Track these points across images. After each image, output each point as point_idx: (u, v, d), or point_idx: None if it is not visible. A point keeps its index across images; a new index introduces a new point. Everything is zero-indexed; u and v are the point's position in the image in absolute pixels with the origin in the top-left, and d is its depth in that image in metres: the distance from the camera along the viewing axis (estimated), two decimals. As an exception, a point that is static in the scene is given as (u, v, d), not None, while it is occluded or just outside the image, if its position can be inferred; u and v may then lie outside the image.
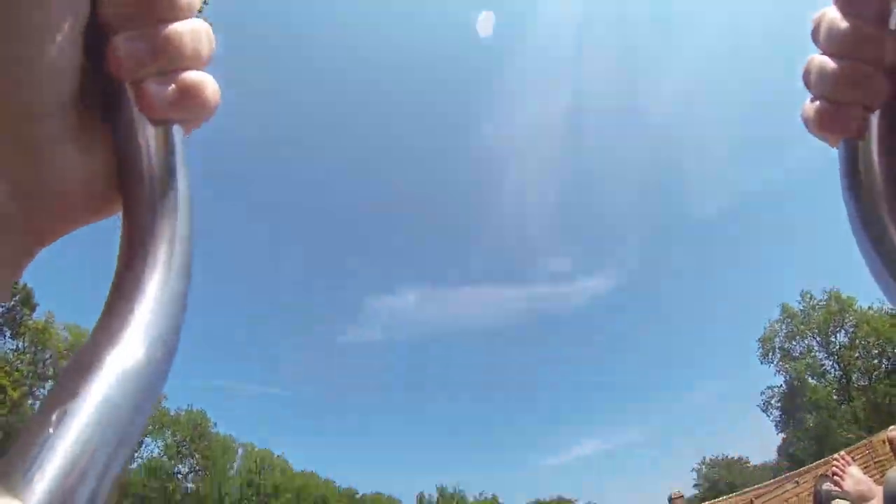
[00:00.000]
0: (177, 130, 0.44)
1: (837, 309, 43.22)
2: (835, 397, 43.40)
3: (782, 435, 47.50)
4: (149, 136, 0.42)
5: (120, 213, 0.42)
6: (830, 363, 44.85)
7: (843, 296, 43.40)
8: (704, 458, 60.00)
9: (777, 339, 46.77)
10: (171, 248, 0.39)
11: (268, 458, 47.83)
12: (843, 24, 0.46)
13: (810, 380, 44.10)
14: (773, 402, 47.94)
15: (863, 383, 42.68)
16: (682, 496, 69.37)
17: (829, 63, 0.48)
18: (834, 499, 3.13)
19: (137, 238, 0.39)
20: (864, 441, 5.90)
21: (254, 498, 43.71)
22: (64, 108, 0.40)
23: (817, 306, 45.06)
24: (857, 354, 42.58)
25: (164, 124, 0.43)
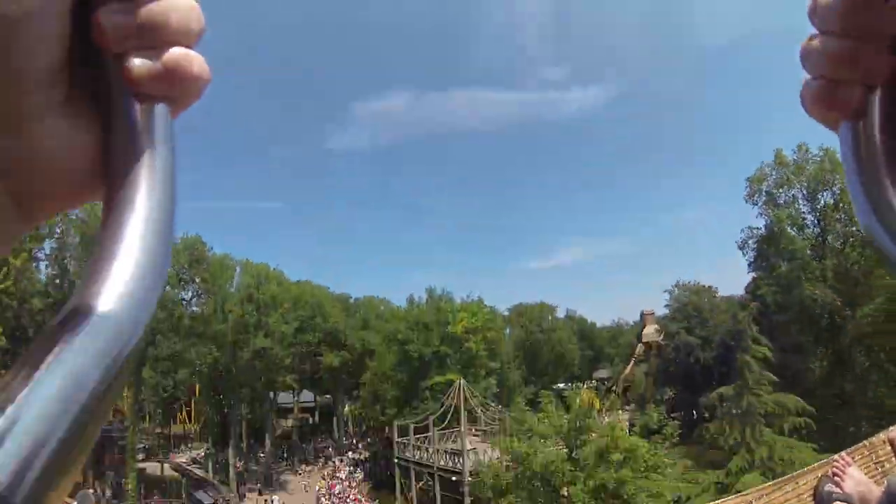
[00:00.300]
0: (163, 109, 0.43)
1: (830, 168, 41.64)
2: (809, 252, 43.86)
3: (753, 275, 48.71)
4: (134, 112, 0.42)
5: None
6: (811, 219, 44.85)
7: (838, 157, 41.08)
8: (678, 281, 61.90)
9: (766, 183, 46.03)
10: (150, 227, 0.39)
11: (264, 271, 51.38)
12: (841, 0, 0.45)
13: (789, 230, 44.18)
14: (750, 242, 48.64)
15: (837, 245, 42.78)
16: (654, 313, 73.24)
17: (828, 41, 0.46)
18: (835, 500, 3.15)
19: (116, 217, 0.39)
20: (864, 442, 6.64)
21: (253, 312, 47.51)
22: (50, 82, 0.39)
23: (811, 161, 43.73)
24: (838, 217, 42.12)
25: (149, 101, 0.43)
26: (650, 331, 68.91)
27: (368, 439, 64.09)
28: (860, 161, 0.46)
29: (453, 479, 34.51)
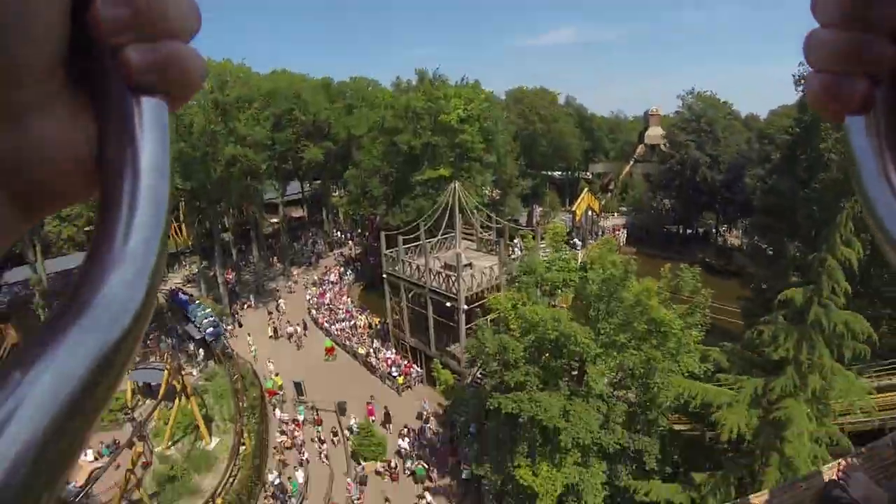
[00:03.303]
0: (159, 102, 0.42)
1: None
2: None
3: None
4: (129, 106, 0.41)
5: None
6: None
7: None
8: (694, 88, 54.54)
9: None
10: (144, 224, 0.38)
11: (227, 70, 42.71)
12: None
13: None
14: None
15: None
16: (659, 115, 65.61)
17: (831, 35, 0.45)
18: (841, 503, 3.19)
19: (110, 213, 0.38)
20: (869, 445, 6.20)
21: (220, 119, 40.40)
22: (46, 75, 0.38)
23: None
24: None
25: (146, 95, 0.41)
26: (655, 133, 63.35)
27: (360, 231, 60.96)
28: (867, 154, 0.44)
29: (447, 304, 30.59)
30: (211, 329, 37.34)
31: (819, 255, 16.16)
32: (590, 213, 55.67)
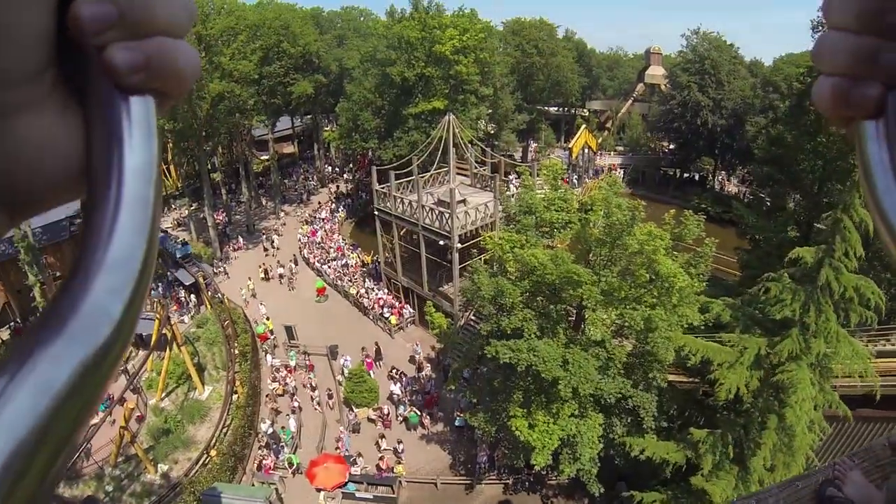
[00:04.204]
0: (147, 102, 0.40)
1: None
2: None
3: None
4: (117, 107, 0.39)
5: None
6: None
7: None
8: (699, 28, 51.36)
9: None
10: (132, 228, 0.37)
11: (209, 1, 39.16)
12: None
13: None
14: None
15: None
16: (661, 53, 62.46)
17: (843, 38, 0.43)
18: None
19: (97, 217, 0.37)
20: (865, 445, 4.25)
21: (204, 54, 37.50)
22: (33, 76, 0.37)
23: None
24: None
25: (133, 94, 0.40)
26: (656, 73, 60.42)
27: (351, 166, 58.75)
28: (879, 160, 0.43)
29: (441, 242, 28.89)
30: (180, 247, 37.38)
31: (834, 215, 14.54)
32: (586, 150, 53.55)
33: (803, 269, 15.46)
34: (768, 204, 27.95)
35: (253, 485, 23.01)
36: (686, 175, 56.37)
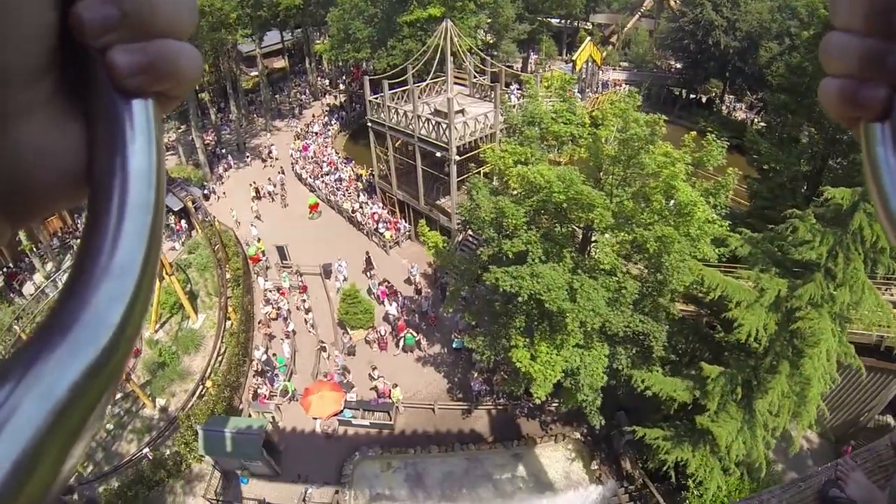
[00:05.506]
0: (149, 105, 0.39)
1: None
2: None
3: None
4: (119, 109, 0.38)
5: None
6: None
7: None
8: None
9: None
10: (134, 234, 0.36)
11: None
12: None
13: None
14: None
15: None
16: None
17: (852, 40, 0.42)
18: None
19: (99, 222, 0.36)
20: (868, 446, 5.28)
21: None
22: (34, 79, 0.36)
23: None
24: None
25: (135, 97, 0.39)
26: (667, -14, 55.29)
27: (344, 78, 55.16)
28: (886, 162, 0.42)
29: (437, 154, 26.54)
30: None
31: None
32: (590, 64, 49.94)
33: (834, 211, 13.64)
34: (782, 134, 25.79)
35: (250, 415, 21.99)
36: (693, 96, 52.97)
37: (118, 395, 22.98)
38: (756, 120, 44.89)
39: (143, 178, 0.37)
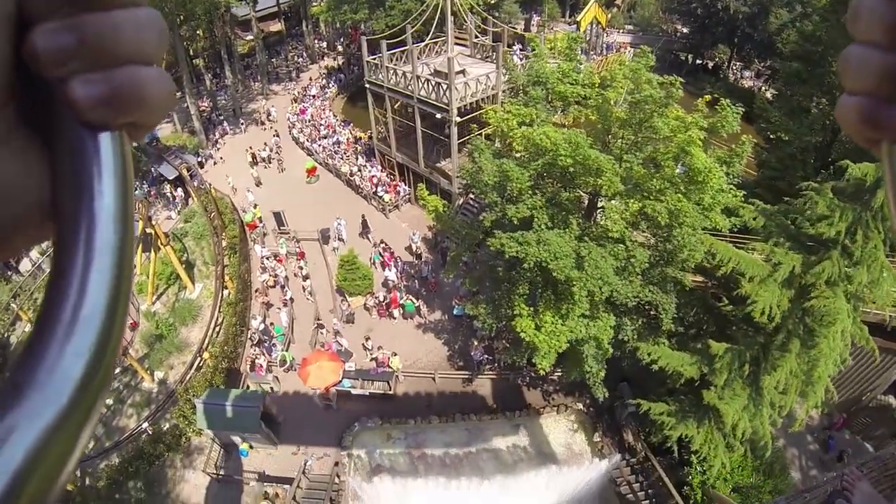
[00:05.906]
0: (115, 137, 0.37)
1: None
2: None
3: None
4: (83, 143, 0.36)
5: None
6: None
7: None
8: None
9: None
10: (101, 272, 0.34)
11: None
12: (888, 9, 0.37)
13: None
14: None
15: None
16: None
17: (872, 54, 0.39)
18: None
19: (65, 261, 0.34)
20: (875, 455, 5.86)
21: None
22: None
23: None
24: None
25: (100, 129, 0.36)
26: (675, -52, 52.93)
27: (342, 40, 53.46)
28: None
29: (438, 116, 25.47)
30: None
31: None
32: (594, 26, 48.21)
33: (855, 186, 12.70)
34: (792, 103, 24.81)
35: (248, 387, 21.48)
36: (699, 62, 51.25)
37: (117, 370, 22.64)
38: (763, 88, 43.49)
39: (110, 220, 0.35)
